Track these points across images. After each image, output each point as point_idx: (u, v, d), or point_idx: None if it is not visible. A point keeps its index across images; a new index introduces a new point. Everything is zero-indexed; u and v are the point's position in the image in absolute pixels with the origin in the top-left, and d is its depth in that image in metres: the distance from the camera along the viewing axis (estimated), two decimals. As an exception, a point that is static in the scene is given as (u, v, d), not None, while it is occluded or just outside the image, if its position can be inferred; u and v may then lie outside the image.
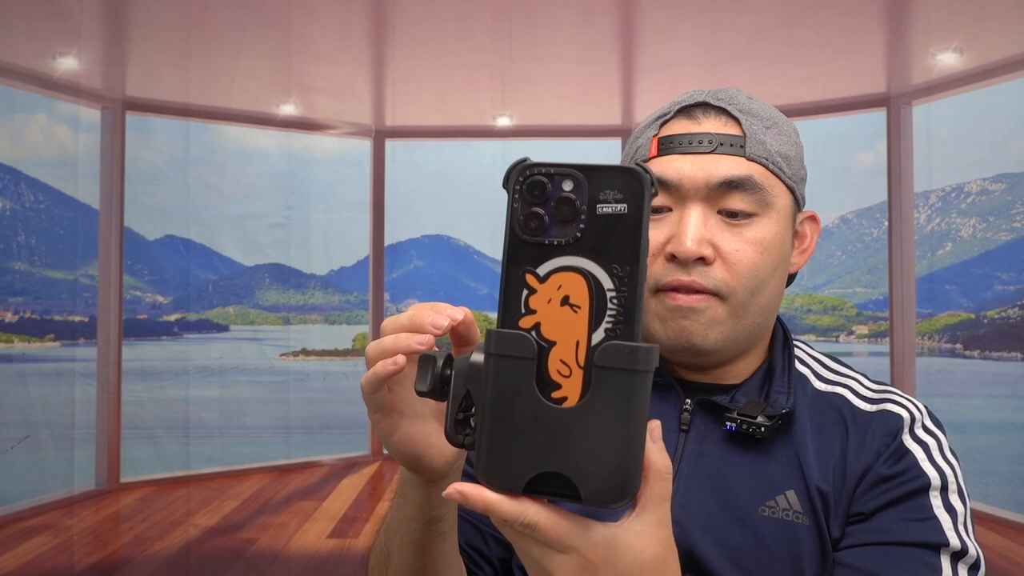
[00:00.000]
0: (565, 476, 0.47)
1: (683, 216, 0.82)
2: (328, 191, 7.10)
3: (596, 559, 0.49)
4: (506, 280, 0.48)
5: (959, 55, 4.67)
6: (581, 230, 0.47)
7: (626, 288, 0.47)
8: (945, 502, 0.78)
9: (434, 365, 0.53)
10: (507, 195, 0.48)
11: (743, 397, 0.86)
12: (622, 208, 0.47)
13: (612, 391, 0.46)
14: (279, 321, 7.88)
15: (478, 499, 0.48)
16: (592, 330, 0.47)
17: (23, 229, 5.82)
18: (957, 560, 0.75)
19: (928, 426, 0.83)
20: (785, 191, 0.85)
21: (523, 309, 0.47)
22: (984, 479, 5.66)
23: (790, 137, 0.86)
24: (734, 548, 0.79)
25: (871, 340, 8.57)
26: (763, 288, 0.83)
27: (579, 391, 0.47)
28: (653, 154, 0.85)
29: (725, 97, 0.86)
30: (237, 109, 5.91)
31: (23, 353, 5.71)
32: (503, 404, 0.47)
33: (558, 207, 0.47)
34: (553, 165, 0.48)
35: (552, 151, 7.14)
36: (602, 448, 0.46)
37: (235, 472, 5.79)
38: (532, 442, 0.47)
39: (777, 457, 0.82)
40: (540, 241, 0.47)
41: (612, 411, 0.46)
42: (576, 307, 0.47)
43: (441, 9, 4.26)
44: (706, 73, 5.18)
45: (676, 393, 0.87)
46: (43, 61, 4.89)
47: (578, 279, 0.47)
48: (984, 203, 8.91)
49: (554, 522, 0.48)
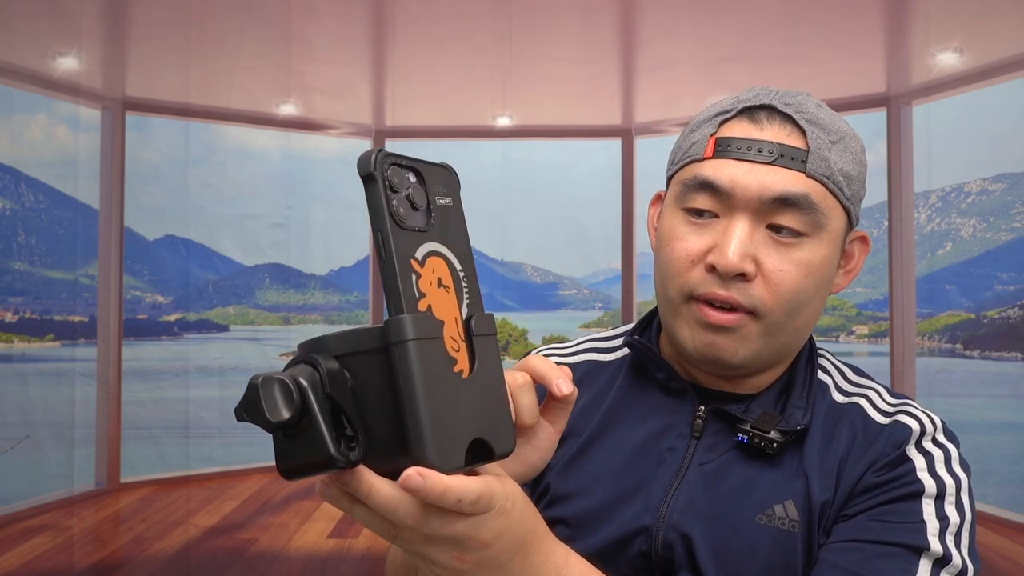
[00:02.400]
0: (483, 440, 0.50)
1: (729, 227, 0.78)
2: (328, 191, 7.09)
3: (506, 504, 0.52)
4: (399, 268, 0.48)
5: (959, 55, 4.67)
6: (432, 218, 0.51)
7: (466, 268, 0.52)
8: (939, 510, 0.75)
9: (286, 387, 0.47)
10: (370, 184, 0.48)
11: (758, 408, 0.84)
12: (448, 200, 0.52)
13: (490, 355, 0.51)
14: (279, 321, 7.88)
15: (438, 485, 0.47)
16: (459, 306, 0.51)
17: (23, 229, 5.82)
18: (940, 567, 0.73)
19: (939, 439, 0.81)
20: (841, 212, 0.81)
21: (417, 293, 0.49)
22: (984, 479, 5.66)
23: (855, 155, 0.82)
24: (727, 554, 0.79)
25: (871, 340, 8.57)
26: (802, 311, 0.80)
27: (468, 362, 0.50)
28: (708, 154, 0.81)
29: (794, 103, 0.81)
30: (237, 109, 5.90)
31: (23, 353, 5.70)
32: (432, 384, 0.47)
33: (414, 196, 0.50)
34: (403, 157, 0.50)
35: (552, 151, 7.14)
36: (496, 406, 0.52)
37: (235, 472, 5.79)
38: (459, 416, 0.49)
39: (783, 467, 0.81)
40: (413, 228, 0.50)
41: (493, 372, 0.52)
42: (447, 287, 0.50)
43: (441, 9, 4.26)
44: (706, 73, 5.18)
45: (691, 399, 0.86)
46: (43, 61, 4.89)
47: (441, 262, 0.51)
48: (984, 203, 8.91)
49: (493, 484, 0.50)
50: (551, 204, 7.08)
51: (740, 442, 0.81)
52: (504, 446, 0.52)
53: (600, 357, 0.97)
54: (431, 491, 0.47)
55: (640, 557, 0.81)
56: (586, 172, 7.10)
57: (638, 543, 0.81)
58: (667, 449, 0.85)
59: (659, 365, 0.88)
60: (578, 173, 7.21)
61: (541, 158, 7.09)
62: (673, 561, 0.80)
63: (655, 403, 0.88)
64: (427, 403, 0.47)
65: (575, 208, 6.97)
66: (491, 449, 0.51)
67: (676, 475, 0.83)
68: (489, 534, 0.51)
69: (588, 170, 7.00)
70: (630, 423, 0.88)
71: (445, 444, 0.47)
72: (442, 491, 0.47)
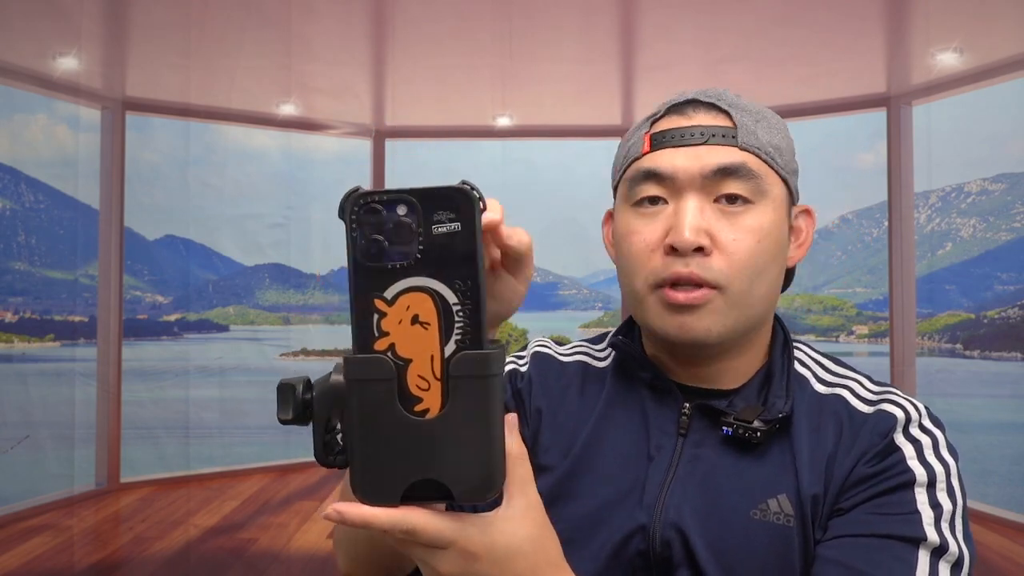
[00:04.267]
0: (437, 481, 0.50)
1: (679, 207, 0.82)
2: (328, 191, 7.10)
3: (475, 548, 0.53)
4: (356, 307, 0.50)
5: (959, 55, 4.67)
6: (420, 251, 0.49)
7: (470, 301, 0.50)
8: (931, 498, 0.76)
9: (294, 392, 0.53)
10: (344, 225, 0.50)
11: (741, 402, 0.86)
12: (455, 226, 0.50)
13: (469, 397, 0.49)
14: (279, 321, 7.88)
15: (356, 515, 0.51)
16: (444, 343, 0.50)
17: (23, 229, 5.82)
18: (938, 557, 0.74)
19: (925, 425, 0.82)
20: (779, 181, 0.85)
21: (376, 332, 0.50)
22: (984, 479, 5.66)
23: (780, 131, 0.87)
24: (724, 550, 0.79)
25: (871, 340, 8.58)
26: (761, 277, 0.83)
27: (439, 401, 0.50)
28: (646, 150, 0.85)
29: (713, 94, 0.86)
30: (237, 109, 5.90)
31: (23, 353, 5.70)
32: (369, 424, 0.50)
33: (396, 232, 0.50)
34: (386, 192, 0.50)
35: (552, 151, 7.14)
36: (467, 449, 0.50)
37: (235, 472, 5.79)
38: (402, 455, 0.50)
39: (772, 461, 0.82)
40: (383, 266, 0.50)
41: (472, 415, 0.50)
42: (426, 324, 0.49)
43: (441, 9, 4.26)
44: (706, 73, 5.18)
45: (675, 397, 0.87)
46: (43, 61, 4.89)
47: (424, 298, 0.49)
48: (984, 203, 8.92)
49: (431, 521, 0.52)
50: (551, 204, 7.08)
51: (726, 436, 0.83)
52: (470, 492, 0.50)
53: (592, 363, 0.98)
54: (352, 523, 0.51)
55: (638, 557, 0.82)
56: (586, 172, 7.10)
57: (635, 543, 0.82)
58: (655, 447, 0.86)
59: (643, 365, 0.90)
60: (578, 173, 7.21)
61: (541, 158, 7.10)
62: (671, 559, 0.80)
63: (642, 403, 0.89)
64: (359, 440, 0.50)
65: (575, 208, 6.97)
66: (448, 490, 0.50)
67: (667, 473, 0.84)
68: (448, 569, 0.54)
69: (588, 170, 7.00)
70: (620, 424, 0.89)
71: (376, 479, 0.50)
72: (363, 523, 0.51)
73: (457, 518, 0.53)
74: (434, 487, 0.50)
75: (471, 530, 0.53)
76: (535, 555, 0.56)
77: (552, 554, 0.58)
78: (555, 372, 0.96)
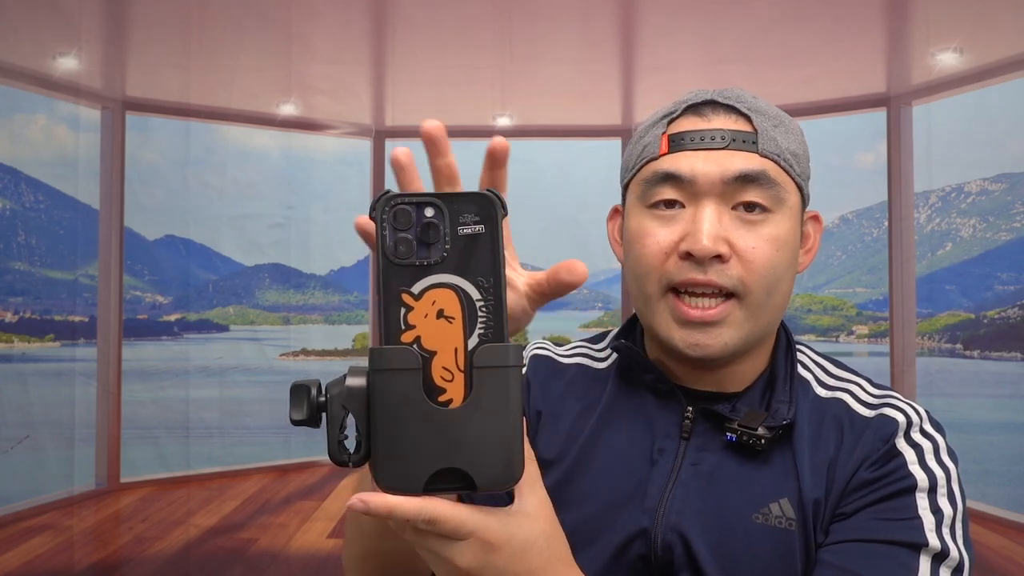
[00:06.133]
0: (459, 470, 0.52)
1: (697, 213, 0.80)
2: (328, 191, 7.11)
3: (494, 539, 0.54)
4: (384, 302, 0.52)
5: (959, 55, 4.67)
6: (447, 250, 0.52)
7: (492, 297, 0.52)
8: (932, 504, 0.76)
9: (308, 393, 0.55)
10: (375, 224, 0.53)
11: (745, 406, 0.85)
12: (480, 228, 0.53)
13: (491, 387, 0.52)
14: (279, 321, 7.88)
15: (380, 504, 0.51)
16: (467, 337, 0.52)
17: (23, 229, 5.82)
18: (939, 562, 0.74)
19: (926, 429, 0.82)
20: (795, 189, 0.84)
21: (403, 326, 0.52)
22: (984, 479, 5.66)
23: (797, 136, 0.86)
24: (726, 554, 0.79)
25: (871, 340, 8.57)
26: (778, 287, 0.82)
27: (463, 392, 0.52)
28: (663, 151, 0.83)
29: (732, 95, 0.85)
30: (237, 109, 5.90)
31: (23, 353, 5.70)
32: (394, 414, 0.51)
33: (424, 231, 0.52)
34: (415, 195, 0.53)
35: (552, 151, 7.14)
36: (489, 438, 0.52)
37: (235, 472, 5.79)
38: (426, 444, 0.51)
39: (774, 465, 0.82)
40: (411, 263, 0.52)
41: (494, 405, 0.52)
42: (451, 318, 0.52)
43: (441, 9, 4.26)
44: (706, 73, 5.19)
45: (678, 400, 0.87)
46: (43, 61, 4.89)
47: (449, 294, 0.52)
48: (984, 203, 8.92)
49: (454, 511, 0.52)
50: (551, 204, 7.07)
51: (729, 441, 0.82)
52: (492, 480, 0.52)
53: (592, 364, 0.97)
54: (376, 512, 0.51)
55: (640, 560, 0.81)
56: (586, 172, 7.10)
57: (637, 546, 0.81)
58: (658, 451, 0.85)
59: (646, 367, 0.89)
60: (578, 173, 7.21)
61: (541, 158, 7.10)
62: (673, 563, 0.80)
63: (644, 405, 0.89)
64: (384, 429, 0.51)
65: (575, 208, 6.97)
66: (471, 478, 0.52)
67: (669, 476, 0.83)
68: (466, 561, 0.54)
69: (588, 170, 7.00)
70: (622, 427, 0.88)
71: (399, 468, 0.51)
72: (387, 511, 0.51)
73: (477, 509, 0.54)
74: (456, 476, 0.52)
75: (491, 521, 0.54)
76: (549, 551, 0.57)
77: (563, 551, 0.59)
78: (554, 374, 0.96)
